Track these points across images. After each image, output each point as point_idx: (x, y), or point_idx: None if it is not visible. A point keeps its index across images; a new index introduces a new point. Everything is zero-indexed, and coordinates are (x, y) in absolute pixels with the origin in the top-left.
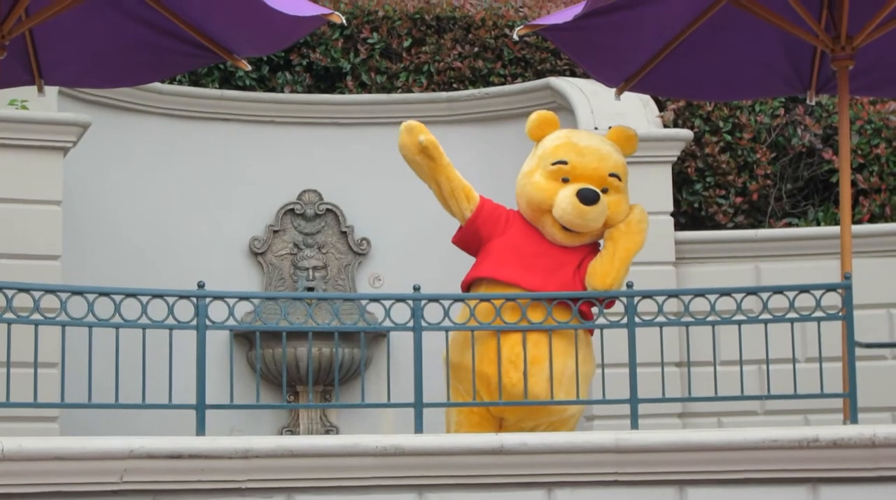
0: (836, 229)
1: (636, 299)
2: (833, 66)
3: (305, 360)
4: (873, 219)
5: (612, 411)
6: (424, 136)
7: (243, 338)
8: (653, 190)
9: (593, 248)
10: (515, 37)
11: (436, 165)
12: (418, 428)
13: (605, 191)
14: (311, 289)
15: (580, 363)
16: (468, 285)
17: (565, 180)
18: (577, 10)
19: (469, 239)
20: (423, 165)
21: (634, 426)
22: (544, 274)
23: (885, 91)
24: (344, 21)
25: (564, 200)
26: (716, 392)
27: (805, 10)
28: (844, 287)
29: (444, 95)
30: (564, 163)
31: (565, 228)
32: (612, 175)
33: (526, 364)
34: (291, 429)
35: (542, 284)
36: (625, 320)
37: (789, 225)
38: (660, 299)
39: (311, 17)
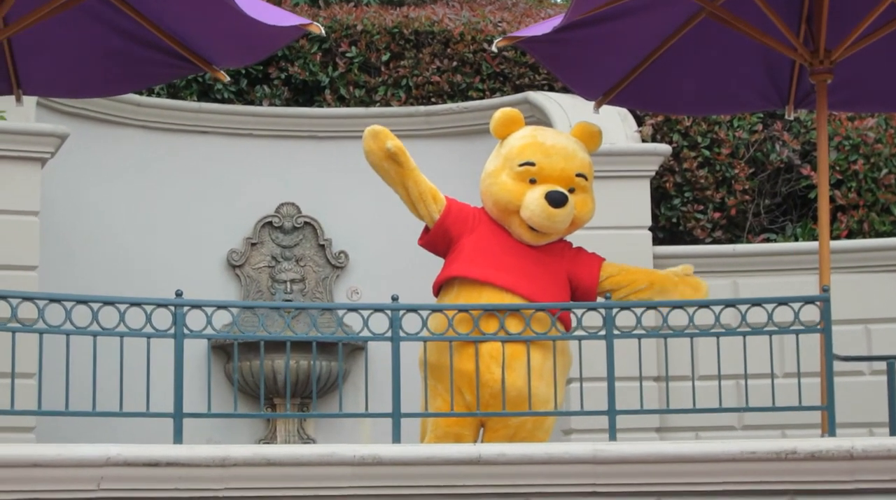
0: (813, 245)
1: (614, 310)
2: (811, 80)
3: (283, 372)
4: (851, 235)
5: (590, 425)
6: (392, 142)
7: (221, 351)
8: (631, 204)
9: (562, 246)
10: (494, 49)
11: (403, 170)
12: (396, 438)
13: (571, 191)
14: (288, 302)
15: (557, 355)
16: (440, 285)
17: (532, 181)
18: (555, 22)
19: (438, 240)
20: (391, 171)
21: (612, 437)
22: (517, 272)
23: (863, 106)
24: (323, 31)
25: (533, 201)
26: (694, 405)
27: (784, 24)
28: (822, 300)
29: (422, 109)
30: (532, 164)
31: (532, 229)
32: (578, 175)
33: (504, 370)
34: (269, 441)
35: (515, 282)
36: (603, 332)
37: (767, 240)
38: (638, 311)
39: (291, 27)
